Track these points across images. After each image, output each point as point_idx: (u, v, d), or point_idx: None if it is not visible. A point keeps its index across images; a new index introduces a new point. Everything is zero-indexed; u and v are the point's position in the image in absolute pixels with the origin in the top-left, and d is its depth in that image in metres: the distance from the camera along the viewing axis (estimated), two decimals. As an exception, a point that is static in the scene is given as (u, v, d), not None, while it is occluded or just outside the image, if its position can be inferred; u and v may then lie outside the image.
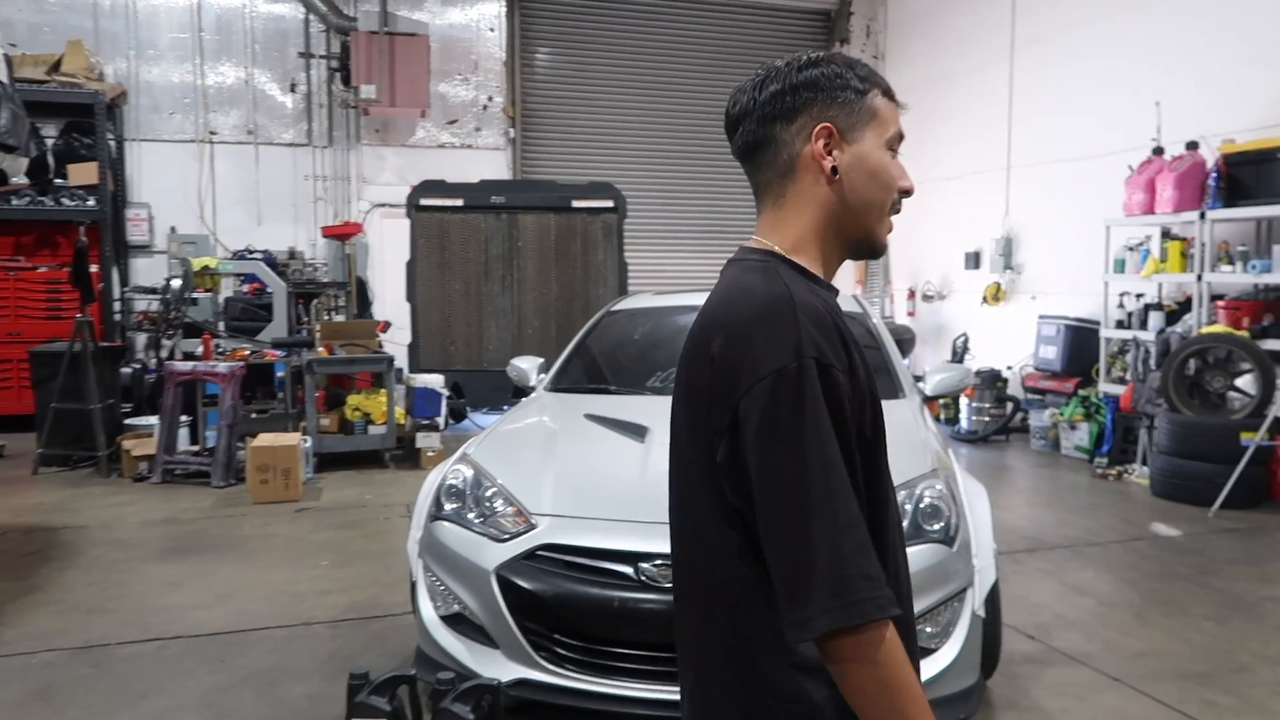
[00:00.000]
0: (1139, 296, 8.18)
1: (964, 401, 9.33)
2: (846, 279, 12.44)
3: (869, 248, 1.38)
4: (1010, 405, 9.26)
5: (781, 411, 1.13)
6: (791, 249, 1.33)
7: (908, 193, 1.38)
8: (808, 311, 1.19)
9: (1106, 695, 3.60)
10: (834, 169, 1.31)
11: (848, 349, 1.22)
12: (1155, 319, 7.70)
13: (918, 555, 3.00)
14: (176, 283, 8.05)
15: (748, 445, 1.16)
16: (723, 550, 1.24)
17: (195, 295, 8.44)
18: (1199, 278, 7.22)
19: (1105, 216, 8.13)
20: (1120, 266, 8.09)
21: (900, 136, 1.37)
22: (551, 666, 3.03)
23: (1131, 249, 8.02)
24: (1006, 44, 10.03)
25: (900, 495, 3.18)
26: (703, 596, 1.29)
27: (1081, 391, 8.44)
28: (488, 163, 11.02)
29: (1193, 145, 7.35)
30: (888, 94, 1.36)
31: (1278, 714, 3.43)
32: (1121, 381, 7.96)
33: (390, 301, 9.94)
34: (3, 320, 9.15)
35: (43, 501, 6.60)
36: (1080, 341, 8.67)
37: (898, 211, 1.38)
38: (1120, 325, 8.15)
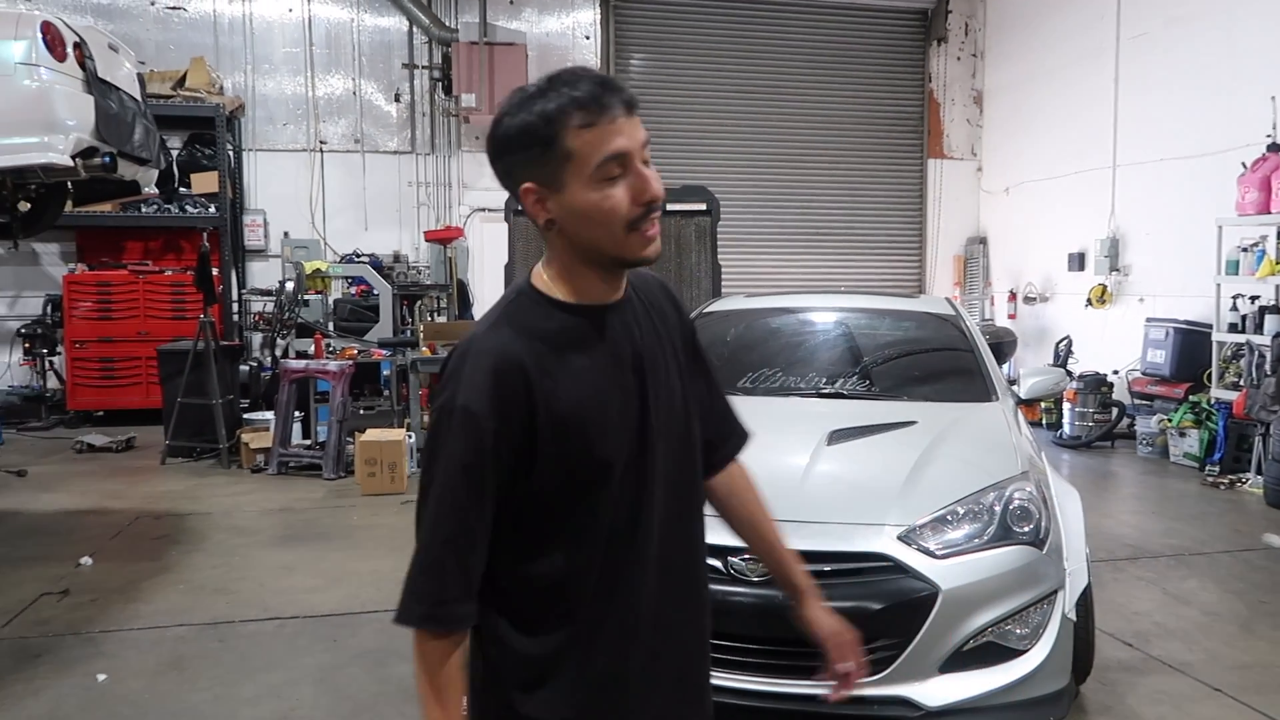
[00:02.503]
0: (1254, 299, 7.84)
1: (1066, 406, 9.11)
2: (944, 281, 12.25)
3: (627, 264, 1.38)
4: (1116, 410, 8.98)
5: (430, 441, 1.37)
6: (552, 279, 1.42)
7: (651, 204, 1.32)
8: (480, 360, 1.33)
9: (1206, 706, 3.53)
10: (550, 221, 1.35)
11: (527, 391, 1.32)
12: (1271, 322, 7.37)
13: (1006, 556, 3.01)
14: (290, 285, 8.48)
15: None
16: None
17: (307, 297, 8.86)
18: (1319, 279, 6.91)
19: (1217, 216, 7.84)
20: (1233, 268, 7.79)
21: (614, 157, 1.29)
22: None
23: (1245, 249, 7.71)
24: (1111, 39, 9.72)
25: (990, 496, 3.18)
26: None
27: (1192, 397, 8.14)
28: (583, 168, 11.21)
29: (1313, 141, 7.04)
30: (587, 121, 1.28)
31: (1392, 731, 3.31)
32: (1235, 387, 7.65)
33: (489, 303, 10.15)
34: (133, 320, 9.75)
35: (170, 489, 7.06)
36: (1190, 345, 8.36)
37: (649, 223, 1.32)
38: (1233, 329, 7.83)
